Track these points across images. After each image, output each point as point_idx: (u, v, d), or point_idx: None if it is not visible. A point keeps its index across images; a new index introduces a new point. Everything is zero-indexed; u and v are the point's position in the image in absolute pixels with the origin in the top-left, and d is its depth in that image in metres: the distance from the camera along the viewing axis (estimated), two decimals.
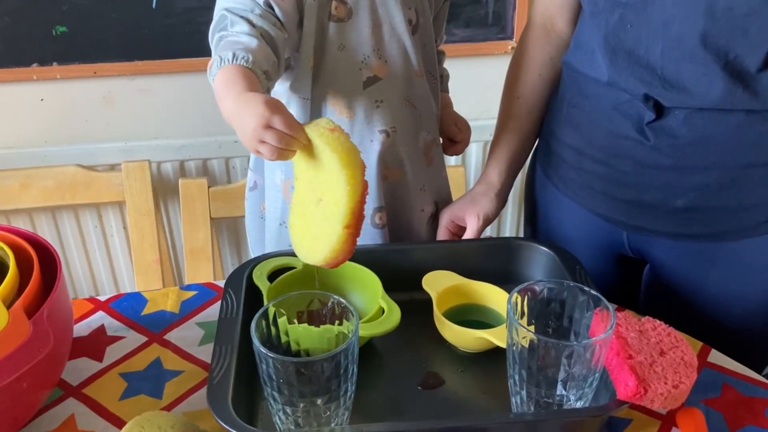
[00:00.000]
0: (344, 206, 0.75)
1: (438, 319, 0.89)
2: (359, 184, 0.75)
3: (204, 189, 1.46)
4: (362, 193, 0.76)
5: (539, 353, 0.73)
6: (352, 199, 0.75)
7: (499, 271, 0.98)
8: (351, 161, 0.74)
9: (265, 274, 0.92)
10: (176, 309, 0.99)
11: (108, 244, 1.69)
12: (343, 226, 0.76)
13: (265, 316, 0.74)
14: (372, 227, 1.05)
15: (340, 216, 0.75)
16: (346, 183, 0.74)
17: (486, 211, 1.06)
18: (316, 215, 0.80)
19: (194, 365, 0.89)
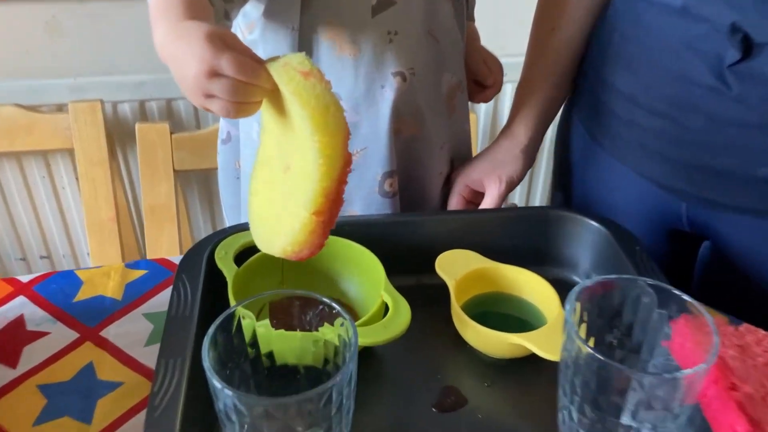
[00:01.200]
0: (314, 184, 0.53)
1: (457, 315, 0.68)
2: (338, 157, 0.53)
3: (166, 135, 1.23)
4: (341, 169, 0.54)
5: (603, 375, 0.53)
6: (326, 177, 0.53)
7: (533, 251, 0.77)
8: (328, 124, 0.52)
9: (231, 255, 0.71)
10: (119, 294, 0.78)
11: (59, 198, 1.47)
12: (310, 212, 0.54)
13: (225, 326, 0.53)
14: (380, 196, 0.83)
15: (308, 197, 0.54)
16: (318, 154, 0.52)
17: (510, 172, 0.84)
18: (282, 187, 0.59)
19: (138, 374, 0.68)
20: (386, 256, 0.70)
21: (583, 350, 0.52)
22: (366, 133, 0.80)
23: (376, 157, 0.81)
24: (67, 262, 1.55)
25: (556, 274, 0.77)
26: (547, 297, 0.70)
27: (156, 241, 1.26)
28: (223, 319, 0.53)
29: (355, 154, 0.82)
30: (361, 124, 0.80)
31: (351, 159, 0.54)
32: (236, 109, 0.54)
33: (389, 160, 0.81)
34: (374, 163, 0.81)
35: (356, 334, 0.52)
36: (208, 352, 0.50)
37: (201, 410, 0.59)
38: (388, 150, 0.81)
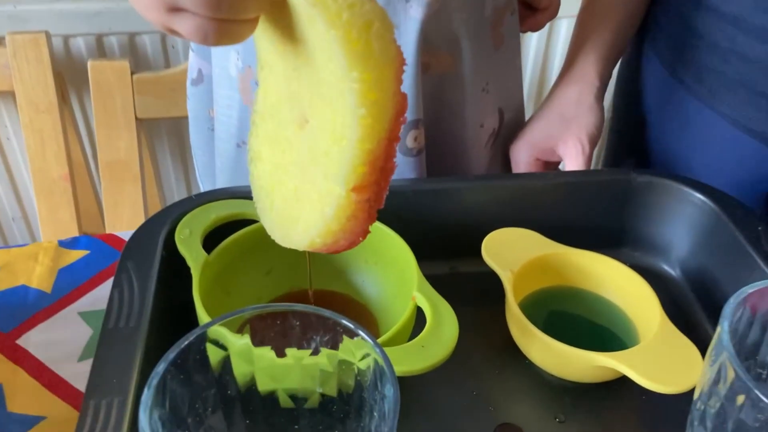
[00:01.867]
0: (353, 147, 0.34)
1: (517, 322, 0.49)
2: (388, 102, 0.34)
3: (126, 76, 1.00)
4: (393, 121, 0.35)
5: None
6: (371, 135, 0.34)
7: (609, 231, 0.58)
8: (372, 51, 0.33)
9: (199, 235, 0.50)
10: (48, 285, 0.57)
11: (4, 152, 1.24)
12: (348, 187, 0.35)
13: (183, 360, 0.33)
14: (401, 154, 0.62)
15: (344, 166, 0.35)
16: (359, 99, 0.33)
17: (589, 129, 0.64)
18: (298, 150, 0.39)
19: (65, 404, 0.48)
20: (410, 236, 0.50)
21: (748, 394, 0.33)
22: None
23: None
24: (18, 227, 1.34)
25: (639, 261, 0.58)
26: (639, 297, 0.50)
27: (116, 205, 1.05)
28: (177, 353, 0.33)
29: None
30: None
31: (406, 103, 0.35)
32: (216, 30, 0.35)
33: (414, 106, 0.60)
34: None
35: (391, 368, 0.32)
36: (151, 410, 0.30)
37: None
38: (413, 91, 0.60)
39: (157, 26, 0.38)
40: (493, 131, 0.68)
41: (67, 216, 1.12)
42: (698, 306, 0.55)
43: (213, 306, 0.46)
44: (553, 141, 0.65)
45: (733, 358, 0.33)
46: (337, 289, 0.54)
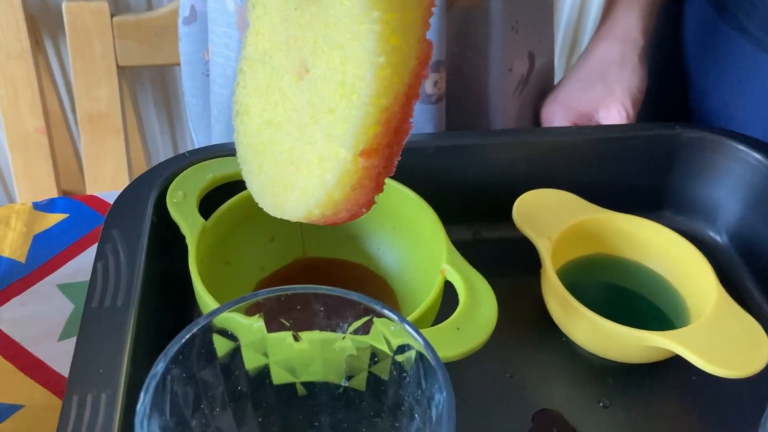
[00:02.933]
0: (366, 102, 0.29)
1: (557, 296, 0.43)
2: (411, 49, 0.29)
3: (105, 19, 0.92)
4: (415, 73, 0.30)
5: None
6: (389, 89, 0.29)
7: (653, 192, 0.52)
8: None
9: (194, 198, 0.44)
10: (22, 254, 0.51)
11: None
12: (356, 151, 0.30)
13: (185, 355, 0.27)
14: (418, 102, 0.56)
15: (354, 125, 0.30)
16: (379, 44, 0.28)
17: (633, 91, 0.58)
18: (295, 103, 0.34)
19: (46, 390, 0.43)
20: (428, 197, 0.44)
21: None
22: None
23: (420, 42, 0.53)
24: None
25: (682, 226, 0.52)
26: (690, 267, 0.45)
27: (97, 161, 0.98)
28: (181, 346, 0.27)
29: None
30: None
31: (431, 52, 0.30)
32: None
33: (437, 45, 0.53)
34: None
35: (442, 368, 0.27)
36: (148, 422, 0.25)
37: None
38: (436, 27, 0.53)
39: None
40: (522, 77, 0.61)
41: (44, 172, 1.05)
42: (749, 277, 0.50)
43: (211, 279, 0.41)
44: (593, 105, 0.58)
45: None
46: (349, 258, 0.48)
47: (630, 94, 0.57)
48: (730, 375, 0.38)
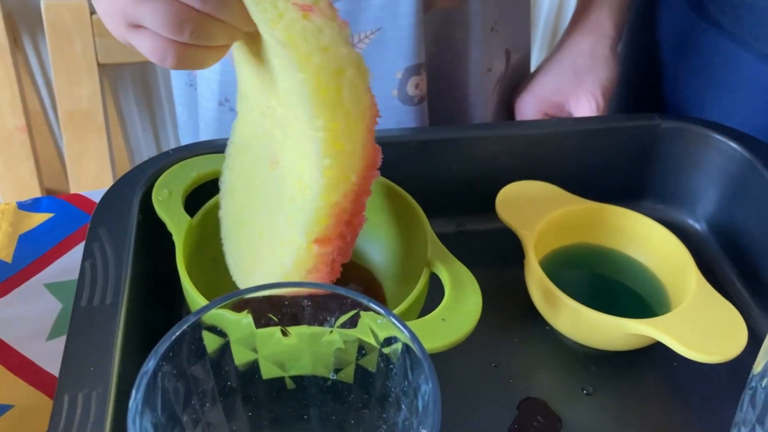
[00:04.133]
0: (317, 199, 0.33)
1: (541, 287, 0.44)
2: (356, 155, 0.32)
3: (84, 16, 0.91)
4: (361, 174, 0.33)
5: None
6: (335, 187, 0.33)
7: (633, 183, 0.53)
8: (342, 100, 0.31)
9: (179, 195, 0.44)
10: (8, 253, 0.51)
11: None
12: (309, 239, 0.34)
13: (175, 352, 0.27)
14: (401, 102, 0.56)
15: (307, 216, 0.33)
16: (324, 149, 0.32)
17: (604, 82, 0.59)
18: (268, 190, 0.37)
19: (36, 391, 0.43)
20: (412, 191, 0.45)
21: None
22: (381, 5, 0.53)
23: (395, 43, 0.54)
24: None
25: (662, 215, 0.53)
26: (670, 255, 0.46)
27: (80, 159, 0.97)
28: (171, 343, 0.27)
29: (363, 39, 0.54)
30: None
31: (378, 157, 0.34)
32: (176, 54, 0.33)
33: (416, 49, 0.54)
34: (393, 52, 0.54)
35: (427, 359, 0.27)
36: (141, 418, 0.25)
37: None
38: (414, 32, 0.53)
39: (119, 39, 0.36)
40: (500, 75, 0.62)
41: (26, 171, 1.04)
42: (727, 264, 0.51)
43: (199, 276, 0.41)
44: (563, 95, 0.60)
45: None
46: None
47: (600, 85, 0.58)
48: (709, 360, 0.39)
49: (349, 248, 0.35)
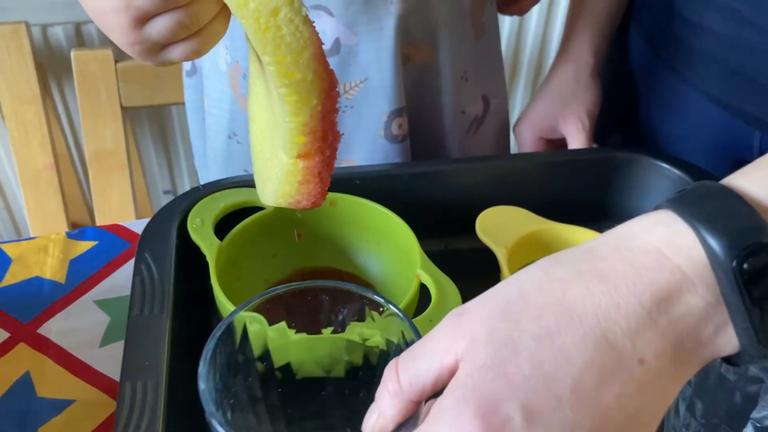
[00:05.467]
0: (288, 122, 0.39)
1: None
2: (308, 81, 0.37)
3: (109, 65, 1.01)
4: (322, 96, 0.38)
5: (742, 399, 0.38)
6: (299, 110, 0.38)
7: (594, 205, 0.62)
8: (281, 35, 0.36)
9: (210, 223, 0.53)
10: (61, 276, 0.59)
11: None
12: (292, 156, 0.40)
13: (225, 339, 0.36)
14: (387, 141, 0.65)
15: (285, 137, 0.40)
16: (278, 80, 0.37)
17: (587, 105, 0.68)
18: (270, 120, 0.45)
19: (92, 387, 0.51)
20: (406, 216, 0.54)
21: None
22: (366, 60, 0.62)
23: (380, 91, 0.63)
24: (2, 220, 1.34)
25: None
26: None
27: (104, 194, 1.06)
28: (222, 331, 0.36)
29: (354, 87, 0.64)
30: (359, 49, 0.62)
31: (333, 79, 0.38)
32: (198, 44, 0.40)
33: (397, 95, 0.63)
34: (378, 98, 0.64)
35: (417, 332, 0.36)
36: (207, 380, 0.34)
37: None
38: (395, 81, 0.63)
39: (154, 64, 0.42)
40: (476, 117, 0.72)
41: (53, 206, 1.13)
42: None
43: (225, 291, 0.49)
44: (553, 120, 0.69)
45: None
46: (341, 268, 0.57)
47: (585, 108, 0.68)
48: None
49: (332, 161, 0.41)
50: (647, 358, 0.27)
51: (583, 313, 0.27)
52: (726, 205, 0.28)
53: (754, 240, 0.27)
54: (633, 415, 0.27)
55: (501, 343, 0.27)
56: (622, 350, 0.27)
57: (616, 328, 0.27)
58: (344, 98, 0.64)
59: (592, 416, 0.26)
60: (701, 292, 0.27)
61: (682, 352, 0.27)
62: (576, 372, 0.26)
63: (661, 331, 0.27)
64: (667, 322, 0.27)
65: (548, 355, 0.27)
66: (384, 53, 0.61)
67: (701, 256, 0.27)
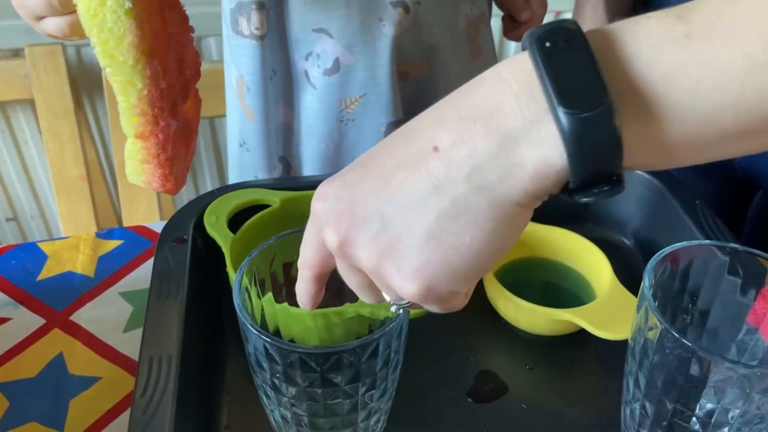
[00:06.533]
0: (120, 102, 0.44)
1: (492, 287, 0.58)
2: (133, 63, 0.42)
3: None
4: (147, 81, 0.43)
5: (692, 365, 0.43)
6: (130, 91, 0.43)
7: (572, 209, 0.67)
8: (105, 21, 0.41)
9: (224, 219, 0.60)
10: (90, 270, 0.66)
11: (22, 155, 1.33)
12: (131, 134, 0.46)
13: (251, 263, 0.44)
14: None
15: (123, 117, 0.45)
16: (102, 60, 0.42)
17: None
18: None
19: (117, 367, 0.58)
20: None
21: (666, 336, 0.42)
22: (364, 78, 0.68)
23: (377, 105, 0.70)
24: (36, 225, 1.43)
25: (600, 234, 0.67)
26: (594, 263, 0.60)
27: (131, 202, 1.14)
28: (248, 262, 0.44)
29: (353, 102, 0.70)
30: (357, 67, 0.68)
31: (161, 65, 0.43)
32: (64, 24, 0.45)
33: (394, 108, 0.70)
34: (376, 112, 0.70)
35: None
36: (240, 285, 0.41)
37: (195, 412, 0.49)
38: (391, 96, 0.69)
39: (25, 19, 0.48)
40: None
41: (84, 213, 1.21)
42: None
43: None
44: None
45: (650, 302, 0.43)
46: None
47: None
48: (613, 337, 0.52)
49: (167, 147, 0.46)
50: (442, 147, 0.30)
51: (407, 131, 0.32)
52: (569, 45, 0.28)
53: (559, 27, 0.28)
54: (418, 203, 0.30)
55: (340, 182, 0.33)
56: (418, 140, 0.31)
57: (416, 126, 0.32)
58: (345, 112, 0.70)
59: (388, 199, 0.31)
60: (512, 86, 0.29)
61: (487, 142, 0.29)
62: (378, 159, 0.32)
63: (459, 118, 0.30)
64: (465, 105, 0.30)
65: (367, 160, 0.32)
66: (380, 71, 0.68)
67: (526, 64, 0.29)
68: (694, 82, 0.27)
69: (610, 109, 0.27)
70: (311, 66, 0.69)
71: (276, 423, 0.45)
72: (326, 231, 0.32)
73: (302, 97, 0.71)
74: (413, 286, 0.31)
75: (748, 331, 0.48)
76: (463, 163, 0.29)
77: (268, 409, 0.45)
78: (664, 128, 0.28)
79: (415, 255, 0.31)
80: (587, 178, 0.29)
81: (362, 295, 0.36)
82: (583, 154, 0.28)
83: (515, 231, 0.31)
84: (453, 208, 0.30)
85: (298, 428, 0.44)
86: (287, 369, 0.40)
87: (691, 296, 0.49)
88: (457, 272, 0.31)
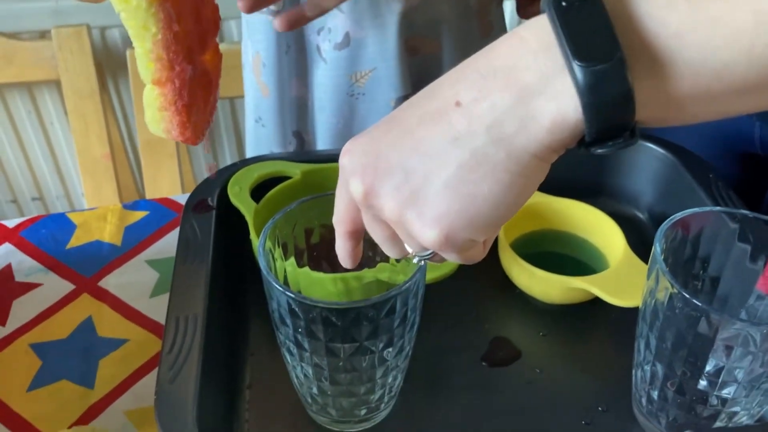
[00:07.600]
0: (137, 47, 0.45)
1: (508, 256, 0.59)
2: (144, 9, 0.42)
3: None
4: (160, 24, 0.43)
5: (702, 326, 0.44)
6: (144, 37, 0.44)
7: (587, 183, 0.68)
8: None
9: (247, 190, 0.61)
10: (117, 239, 0.69)
11: (48, 135, 1.36)
12: (148, 81, 0.46)
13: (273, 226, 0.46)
14: None
15: (140, 63, 0.45)
16: (116, 5, 0.43)
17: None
18: None
19: (144, 330, 0.60)
20: None
21: (676, 298, 0.44)
22: (373, 52, 0.70)
23: (386, 79, 0.71)
24: (61, 204, 1.46)
25: (614, 208, 0.68)
26: (608, 234, 0.61)
27: (154, 179, 1.17)
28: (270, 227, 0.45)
29: (363, 76, 0.71)
30: (367, 41, 0.70)
31: (174, 9, 0.43)
32: None
33: (403, 82, 0.71)
34: (386, 85, 0.72)
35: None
36: (263, 246, 0.43)
37: (219, 372, 0.51)
38: (400, 71, 0.70)
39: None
40: None
41: (109, 191, 1.24)
42: None
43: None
44: None
45: (661, 265, 0.44)
46: None
47: None
48: (624, 304, 0.53)
49: (183, 92, 0.46)
50: (463, 101, 0.32)
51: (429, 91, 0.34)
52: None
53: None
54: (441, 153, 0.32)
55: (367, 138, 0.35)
56: (440, 96, 0.33)
57: (439, 85, 0.34)
58: (356, 86, 0.72)
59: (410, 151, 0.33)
60: (531, 44, 0.30)
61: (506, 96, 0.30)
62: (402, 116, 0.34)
63: (479, 74, 0.31)
64: (485, 63, 0.32)
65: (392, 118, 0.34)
66: (389, 45, 0.69)
67: (544, 23, 0.30)
68: (705, 39, 0.29)
69: (622, 63, 0.28)
70: (323, 40, 0.70)
71: (297, 379, 0.47)
72: (352, 182, 0.34)
73: (314, 72, 0.73)
74: (433, 232, 0.33)
75: (758, 297, 0.49)
76: (483, 116, 0.31)
77: (290, 365, 0.47)
78: (675, 83, 0.29)
79: (435, 204, 0.32)
80: (602, 130, 0.30)
81: (386, 248, 0.38)
82: (596, 105, 0.29)
83: (532, 184, 0.33)
84: (472, 160, 0.31)
85: (319, 384, 0.46)
86: (309, 324, 0.41)
87: (702, 263, 0.51)
88: (475, 221, 0.32)
